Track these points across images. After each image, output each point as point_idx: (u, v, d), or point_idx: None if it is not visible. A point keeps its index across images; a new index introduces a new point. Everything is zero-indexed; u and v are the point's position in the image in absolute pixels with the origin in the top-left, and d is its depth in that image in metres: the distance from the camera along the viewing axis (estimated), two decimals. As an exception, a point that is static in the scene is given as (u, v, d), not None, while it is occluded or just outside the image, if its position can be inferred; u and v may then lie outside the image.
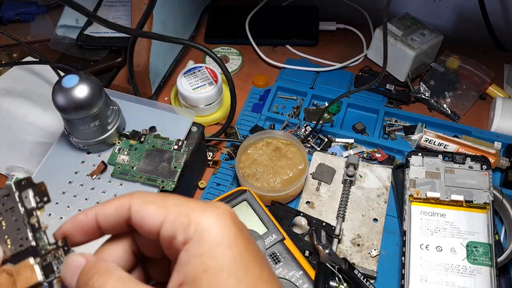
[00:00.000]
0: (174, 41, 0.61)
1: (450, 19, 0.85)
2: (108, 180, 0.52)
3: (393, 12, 0.85)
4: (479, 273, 0.52)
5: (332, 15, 0.88)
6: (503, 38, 0.81)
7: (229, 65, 0.80)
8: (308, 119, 0.71)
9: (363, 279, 0.52)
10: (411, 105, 0.74)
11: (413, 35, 0.73)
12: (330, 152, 0.67)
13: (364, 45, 0.83)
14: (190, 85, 0.69)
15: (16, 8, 0.84)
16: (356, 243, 0.58)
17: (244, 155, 0.63)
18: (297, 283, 0.49)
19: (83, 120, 0.50)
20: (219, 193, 0.64)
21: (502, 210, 0.59)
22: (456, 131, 0.69)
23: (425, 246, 0.54)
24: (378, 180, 0.64)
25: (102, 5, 0.81)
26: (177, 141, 0.54)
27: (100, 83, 0.51)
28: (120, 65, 0.75)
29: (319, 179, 0.64)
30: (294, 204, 0.63)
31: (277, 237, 0.52)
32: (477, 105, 0.74)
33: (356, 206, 0.61)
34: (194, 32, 0.85)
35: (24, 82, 0.69)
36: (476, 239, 0.54)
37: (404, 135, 0.69)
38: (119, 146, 0.54)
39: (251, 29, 0.84)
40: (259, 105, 0.74)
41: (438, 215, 0.56)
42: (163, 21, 0.72)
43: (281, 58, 0.81)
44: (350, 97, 0.73)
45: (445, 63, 0.75)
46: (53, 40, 0.77)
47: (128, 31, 0.56)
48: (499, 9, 0.79)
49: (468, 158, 0.59)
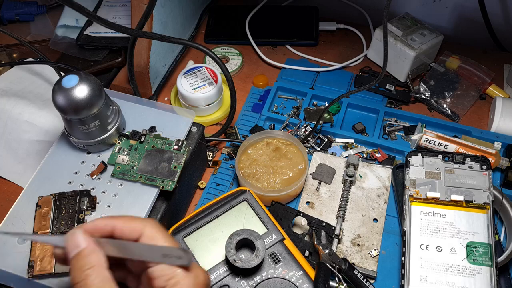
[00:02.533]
0: (174, 41, 0.61)
1: (450, 19, 0.85)
2: (108, 180, 0.52)
3: (393, 12, 0.85)
4: (479, 273, 0.52)
5: (332, 15, 0.88)
6: (503, 38, 0.81)
7: (229, 65, 0.80)
8: (308, 119, 0.71)
9: (363, 279, 0.52)
10: (411, 105, 0.74)
11: (413, 35, 0.73)
12: (330, 152, 0.67)
13: (364, 45, 0.83)
14: (190, 85, 0.69)
15: (16, 8, 0.85)
16: (356, 243, 0.58)
17: (244, 155, 0.63)
18: (297, 283, 0.49)
19: (83, 120, 0.50)
20: (219, 193, 0.64)
21: (502, 210, 0.59)
22: (456, 131, 0.69)
23: (425, 246, 0.54)
24: (378, 180, 0.64)
25: (102, 5, 0.81)
26: (177, 141, 0.54)
27: (100, 83, 0.51)
28: (120, 65, 0.75)
29: (319, 179, 0.64)
30: (294, 204, 0.63)
31: (277, 237, 0.52)
32: (477, 105, 0.74)
33: (356, 206, 0.61)
34: (194, 32, 0.85)
35: (22, 82, 0.69)
36: (476, 239, 0.54)
37: (404, 135, 0.69)
38: (119, 146, 0.54)
39: (251, 29, 0.84)
40: (259, 105, 0.74)
41: (438, 215, 0.56)
42: (163, 21, 0.72)
43: (281, 58, 0.81)
44: (350, 97, 0.73)
45: (445, 63, 0.75)
46: (53, 40, 0.77)
47: (128, 31, 0.56)
48: (499, 9, 0.79)
49: (468, 158, 0.59)
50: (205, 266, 0.50)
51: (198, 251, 0.51)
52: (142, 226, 0.36)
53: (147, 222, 0.36)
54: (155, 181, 0.51)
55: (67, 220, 0.49)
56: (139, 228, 0.35)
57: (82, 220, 0.49)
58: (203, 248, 0.52)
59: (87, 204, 0.50)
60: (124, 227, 0.36)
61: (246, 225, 0.53)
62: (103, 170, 0.53)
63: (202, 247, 0.52)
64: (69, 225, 0.49)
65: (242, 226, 0.53)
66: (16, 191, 0.65)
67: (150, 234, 0.35)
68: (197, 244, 0.52)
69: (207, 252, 0.51)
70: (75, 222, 0.49)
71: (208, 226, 0.53)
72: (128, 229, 0.35)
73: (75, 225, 0.48)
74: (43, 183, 0.52)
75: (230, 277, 0.49)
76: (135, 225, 0.35)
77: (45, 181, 0.53)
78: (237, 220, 0.54)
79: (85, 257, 0.33)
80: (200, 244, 0.52)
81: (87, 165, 0.54)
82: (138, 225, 0.36)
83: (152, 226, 0.36)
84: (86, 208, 0.50)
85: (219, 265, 0.50)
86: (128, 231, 0.35)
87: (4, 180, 0.66)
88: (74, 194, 0.51)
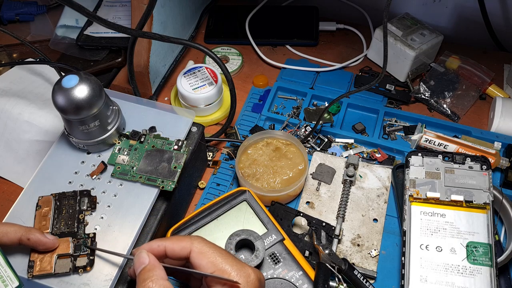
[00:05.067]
0: (174, 41, 0.61)
1: (450, 19, 0.85)
2: (108, 180, 0.52)
3: (393, 12, 0.85)
4: (479, 273, 0.52)
5: (332, 15, 0.88)
6: (503, 38, 0.81)
7: (229, 65, 0.80)
8: (308, 119, 0.71)
9: (363, 279, 0.52)
10: (411, 105, 0.74)
11: (413, 35, 0.73)
12: (330, 152, 0.67)
13: (364, 45, 0.83)
14: (190, 85, 0.69)
15: (16, 8, 0.85)
16: (356, 243, 0.58)
17: (244, 155, 0.63)
18: (297, 284, 0.49)
19: (83, 120, 0.50)
20: (219, 193, 0.64)
21: (502, 210, 0.59)
22: (456, 131, 0.69)
23: (425, 246, 0.54)
24: (378, 180, 0.64)
25: (102, 5, 0.81)
26: (177, 141, 0.54)
27: (100, 83, 0.51)
28: (120, 65, 0.75)
29: (319, 179, 0.64)
30: (294, 204, 0.63)
31: (276, 237, 0.52)
32: (477, 105, 0.74)
33: (356, 206, 0.61)
34: (194, 32, 0.85)
35: (22, 82, 0.69)
36: (476, 239, 0.54)
37: (404, 135, 0.69)
38: (119, 146, 0.54)
39: (251, 29, 0.84)
40: (259, 105, 0.74)
41: (438, 215, 0.56)
42: (163, 21, 0.72)
43: (281, 58, 0.81)
44: (350, 97, 0.73)
45: (445, 63, 0.75)
46: (53, 40, 0.77)
47: (128, 31, 0.56)
48: (499, 9, 0.79)
49: (468, 158, 0.59)
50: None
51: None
52: (189, 244, 0.41)
53: (194, 239, 0.42)
54: (155, 181, 0.51)
55: (67, 220, 0.49)
56: (188, 246, 0.41)
57: (82, 220, 0.49)
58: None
59: (87, 204, 0.50)
60: (174, 246, 0.42)
61: (246, 225, 0.53)
62: (103, 170, 0.53)
63: (202, 247, 0.52)
64: (69, 225, 0.49)
65: (242, 226, 0.53)
66: (16, 191, 0.65)
67: (198, 249, 0.41)
68: (197, 244, 0.52)
69: (207, 252, 0.51)
70: (75, 222, 0.49)
71: (208, 226, 0.53)
72: (178, 247, 0.41)
73: (75, 225, 0.49)
74: (43, 183, 0.52)
75: (230, 277, 0.49)
76: (184, 244, 0.41)
77: (45, 181, 0.53)
78: (237, 220, 0.54)
79: (148, 271, 0.40)
80: (200, 244, 0.52)
81: (87, 165, 0.54)
82: (187, 243, 0.41)
83: (199, 241, 0.42)
84: (86, 208, 0.50)
85: (219, 265, 0.50)
86: (179, 249, 0.41)
87: (4, 180, 0.66)
88: (74, 194, 0.51)
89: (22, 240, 0.46)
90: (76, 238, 0.48)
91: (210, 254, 0.41)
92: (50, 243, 0.46)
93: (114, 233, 0.49)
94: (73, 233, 0.48)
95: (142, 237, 0.50)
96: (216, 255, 0.41)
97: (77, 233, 0.48)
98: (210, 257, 0.41)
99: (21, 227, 0.46)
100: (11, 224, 0.46)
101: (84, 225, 0.49)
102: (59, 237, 0.48)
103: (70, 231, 0.48)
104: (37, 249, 0.46)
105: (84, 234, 0.48)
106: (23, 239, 0.45)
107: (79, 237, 0.48)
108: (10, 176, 0.66)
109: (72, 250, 0.47)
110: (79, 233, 0.48)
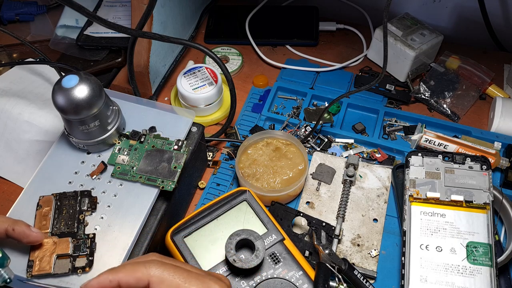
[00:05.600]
0: (174, 41, 0.61)
1: (450, 19, 0.85)
2: (108, 180, 0.52)
3: (393, 12, 0.85)
4: (479, 273, 0.52)
5: (332, 15, 0.88)
6: (503, 38, 0.81)
7: (229, 65, 0.80)
8: (308, 119, 0.71)
9: (363, 279, 0.52)
10: (411, 105, 0.74)
11: (413, 35, 0.73)
12: (330, 152, 0.67)
13: (364, 45, 0.83)
14: (190, 85, 0.69)
15: (16, 8, 0.84)
16: (356, 243, 0.58)
17: (244, 155, 0.63)
18: (297, 283, 0.49)
19: (83, 120, 0.50)
20: (219, 193, 0.64)
21: (502, 210, 0.59)
22: (456, 131, 0.69)
23: (425, 246, 0.54)
24: (378, 180, 0.64)
25: (102, 5, 0.81)
26: (177, 141, 0.54)
27: (100, 83, 0.51)
28: (120, 65, 0.75)
29: (319, 179, 0.64)
30: (294, 204, 0.63)
31: (276, 237, 0.52)
32: (477, 105, 0.74)
33: (356, 206, 0.61)
34: (194, 32, 0.85)
35: (22, 82, 0.69)
36: (476, 239, 0.54)
37: (404, 135, 0.69)
38: (119, 146, 0.54)
39: (251, 29, 0.84)
40: (259, 105, 0.74)
41: (438, 215, 0.56)
42: (163, 21, 0.72)
43: (281, 58, 0.81)
44: (350, 97, 0.73)
45: (445, 63, 0.75)
46: (53, 40, 0.77)
47: (128, 31, 0.56)
48: (499, 9, 0.79)
49: (468, 158, 0.59)
50: (205, 267, 0.50)
51: (198, 251, 0.51)
52: (146, 274, 0.37)
53: (150, 265, 0.38)
54: (155, 181, 0.51)
55: (67, 220, 0.49)
56: (144, 277, 0.37)
57: (82, 220, 0.49)
58: (203, 248, 0.52)
59: (88, 204, 0.50)
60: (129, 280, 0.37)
61: (246, 225, 0.53)
62: (103, 170, 0.53)
63: (202, 247, 0.52)
64: (69, 226, 0.49)
65: (242, 226, 0.53)
66: (16, 191, 0.65)
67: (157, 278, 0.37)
68: (197, 244, 0.52)
69: (207, 252, 0.51)
70: (75, 222, 0.49)
71: (208, 226, 0.53)
72: (133, 279, 0.37)
73: (75, 225, 0.49)
74: (43, 183, 0.52)
75: (230, 277, 0.49)
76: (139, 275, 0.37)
77: (45, 181, 0.53)
78: (237, 220, 0.54)
79: None
80: (200, 244, 0.52)
81: (87, 165, 0.54)
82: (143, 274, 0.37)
83: (156, 267, 0.37)
84: (87, 209, 0.50)
85: (219, 265, 0.50)
86: (134, 282, 0.37)
87: (4, 180, 0.66)
88: (75, 195, 0.51)
89: (8, 230, 0.45)
90: (76, 238, 0.48)
91: (170, 279, 0.37)
92: (34, 236, 0.46)
93: (114, 233, 0.49)
94: (73, 234, 0.48)
95: (142, 237, 0.50)
96: (177, 277, 0.38)
97: (77, 233, 0.48)
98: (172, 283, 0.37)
99: (8, 218, 0.46)
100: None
101: (84, 225, 0.49)
102: (58, 237, 0.48)
103: (70, 231, 0.48)
104: (22, 242, 0.45)
105: (84, 234, 0.48)
106: (9, 229, 0.45)
107: (78, 237, 0.48)
108: (10, 176, 0.66)
109: (71, 251, 0.47)
110: (79, 233, 0.48)
